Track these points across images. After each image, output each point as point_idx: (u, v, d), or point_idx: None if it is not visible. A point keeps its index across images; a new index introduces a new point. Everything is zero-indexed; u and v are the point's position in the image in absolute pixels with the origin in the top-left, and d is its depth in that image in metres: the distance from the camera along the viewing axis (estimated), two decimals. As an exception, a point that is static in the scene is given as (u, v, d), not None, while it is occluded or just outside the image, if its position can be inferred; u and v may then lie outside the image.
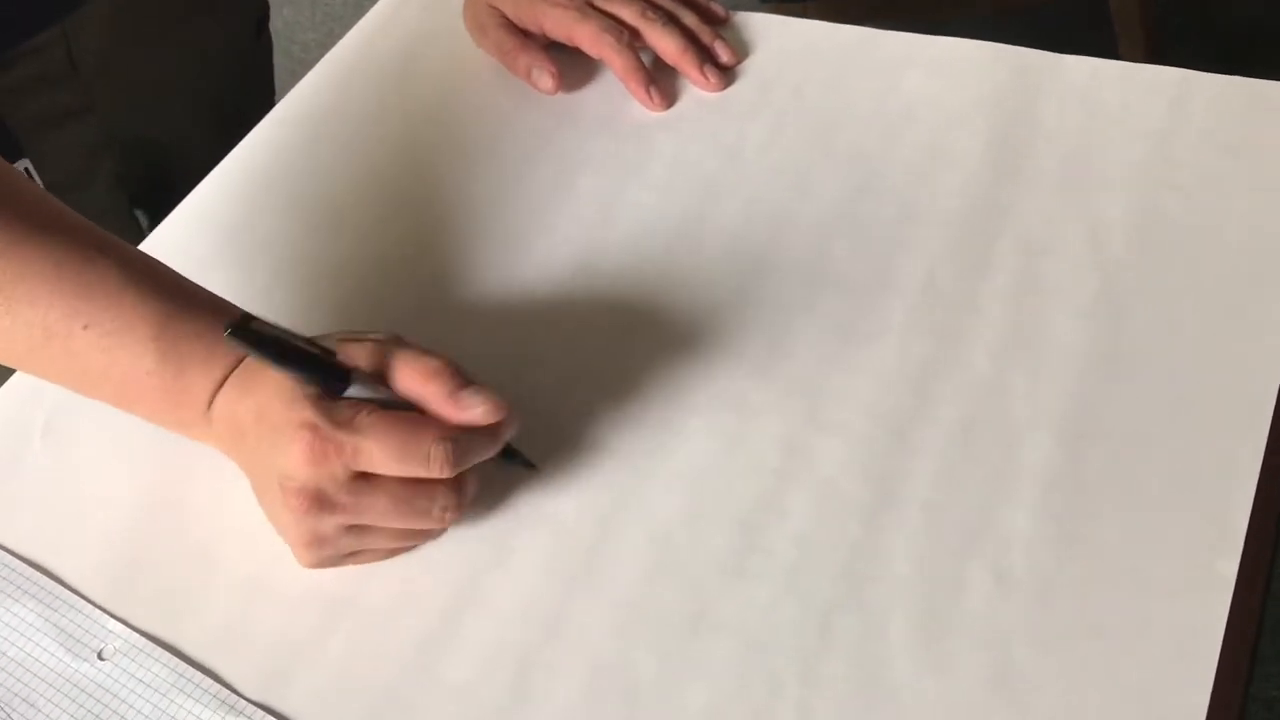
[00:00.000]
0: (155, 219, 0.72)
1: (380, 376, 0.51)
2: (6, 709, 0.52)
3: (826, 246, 0.63)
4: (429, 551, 0.54)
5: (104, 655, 0.53)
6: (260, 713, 0.50)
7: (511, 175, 0.69)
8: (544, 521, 0.55)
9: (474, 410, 0.50)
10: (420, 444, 0.49)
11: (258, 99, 0.89)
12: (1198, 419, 0.54)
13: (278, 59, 0.92)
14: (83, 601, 0.54)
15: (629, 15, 0.71)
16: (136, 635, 0.53)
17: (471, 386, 0.50)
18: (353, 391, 0.50)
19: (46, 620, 0.54)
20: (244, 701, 0.51)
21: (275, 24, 0.92)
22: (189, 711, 0.50)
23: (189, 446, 0.58)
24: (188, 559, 0.55)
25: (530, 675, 0.50)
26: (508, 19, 0.73)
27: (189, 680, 0.51)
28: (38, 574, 0.55)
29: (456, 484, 0.51)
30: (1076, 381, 0.56)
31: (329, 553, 0.52)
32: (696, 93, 0.72)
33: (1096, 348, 0.57)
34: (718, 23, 0.74)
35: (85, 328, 0.51)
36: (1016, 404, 0.55)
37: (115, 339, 0.51)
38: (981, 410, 0.55)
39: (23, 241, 0.51)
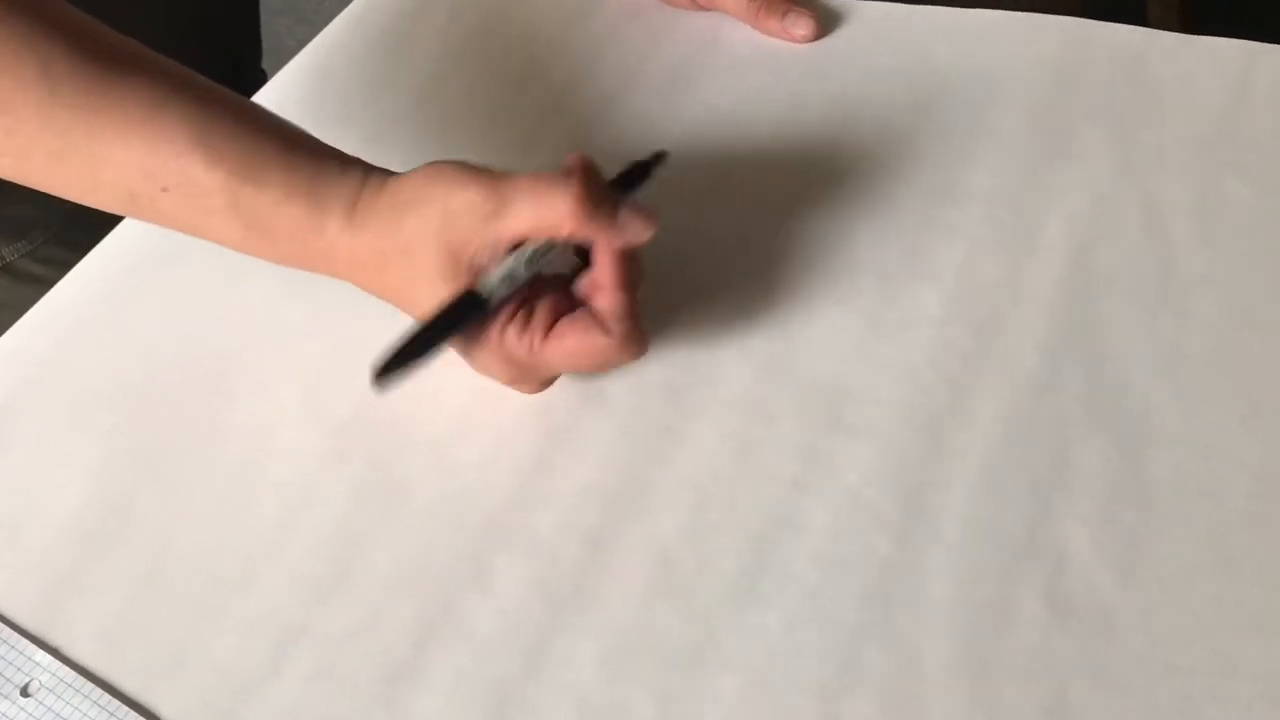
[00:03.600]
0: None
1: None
2: (-80, 751, 0.46)
3: (850, 228, 0.56)
4: (396, 569, 0.48)
5: (29, 691, 0.46)
6: (201, 756, 0.44)
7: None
8: (526, 537, 0.48)
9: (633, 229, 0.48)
10: (605, 356, 0.48)
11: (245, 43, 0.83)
12: (1276, 421, 0.47)
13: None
14: (8, 630, 0.48)
15: None
16: (66, 669, 0.47)
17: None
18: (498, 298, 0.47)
19: (-33, 650, 0.48)
20: (185, 743, 0.44)
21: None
22: (121, 755, 0.44)
23: (141, 455, 0.52)
24: (131, 581, 0.49)
25: (508, 713, 0.43)
26: None
27: None
28: (-39, 597, 0.49)
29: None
30: (1136, 378, 0.49)
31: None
32: (707, 71, 0.65)
33: (1158, 340, 0.50)
34: None
35: (164, 190, 0.48)
36: (1068, 403, 0.49)
37: (194, 204, 0.48)
38: (1028, 410, 0.49)
39: (86, 93, 0.47)
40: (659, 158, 0.51)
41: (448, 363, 0.53)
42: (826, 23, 0.66)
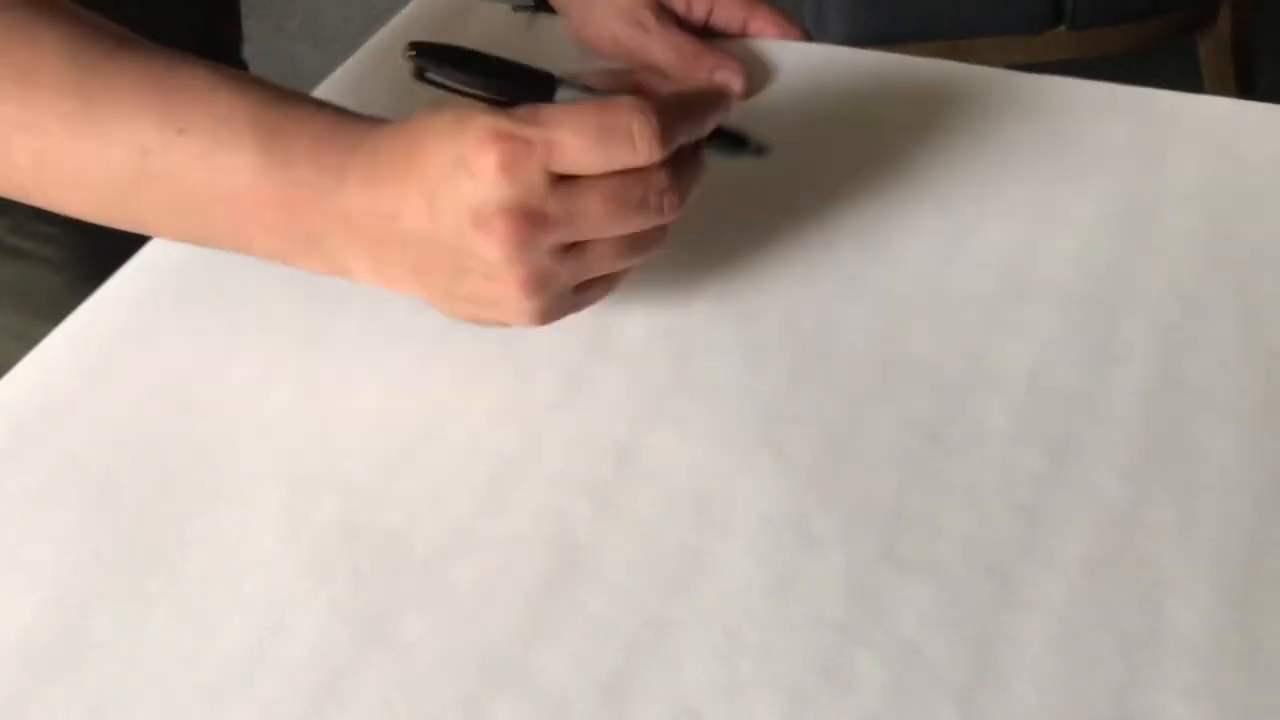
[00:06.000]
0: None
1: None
2: None
3: (904, 326, 0.50)
4: (379, 713, 0.42)
5: None
6: None
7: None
8: (528, 687, 0.42)
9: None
10: (618, 120, 0.43)
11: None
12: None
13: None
14: (-65, 773, 0.42)
15: None
16: (-1, 821, 0.41)
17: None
18: (561, 97, 0.46)
19: (-112, 794, 0.42)
20: None
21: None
22: None
23: (102, 564, 0.46)
24: (80, 713, 0.43)
25: None
26: (677, 14, 0.64)
27: None
28: (-113, 732, 0.43)
29: (671, 166, 0.45)
30: (1240, 514, 0.43)
31: (554, 291, 0.45)
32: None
33: (1264, 468, 0.44)
34: None
35: (180, 132, 0.46)
36: (1159, 543, 0.42)
37: (212, 138, 0.46)
38: (1113, 550, 0.42)
39: (109, 57, 0.47)
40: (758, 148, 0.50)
41: (448, 470, 0.48)
42: (877, 83, 0.61)
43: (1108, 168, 0.55)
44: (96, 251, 0.63)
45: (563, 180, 0.43)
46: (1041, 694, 0.39)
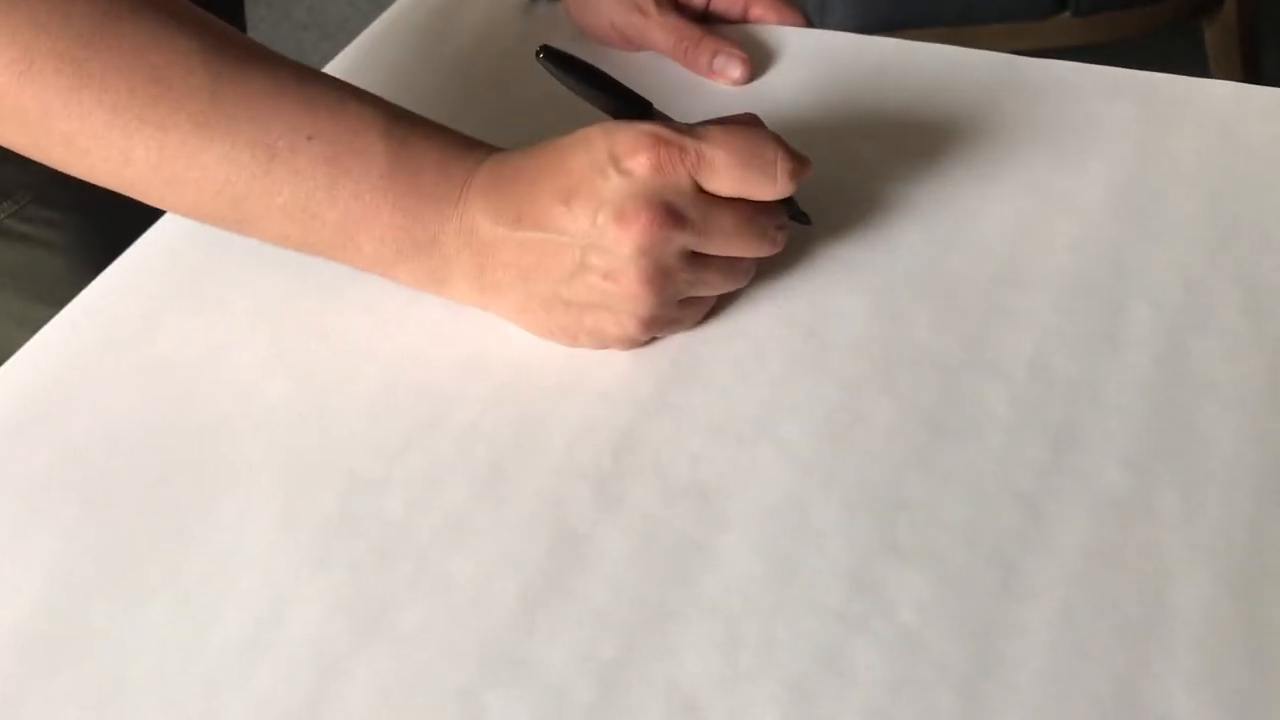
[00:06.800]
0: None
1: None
2: None
3: (904, 313, 0.50)
4: (375, 705, 0.41)
5: (-50, 840, 0.40)
6: None
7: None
8: (525, 675, 0.41)
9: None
10: (765, 150, 0.46)
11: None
12: None
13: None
14: (-66, 763, 0.42)
15: None
16: (-4, 814, 0.40)
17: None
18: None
19: (-115, 786, 0.41)
20: None
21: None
22: None
23: (101, 555, 0.46)
24: (81, 710, 0.43)
25: None
26: None
27: None
28: (-115, 721, 0.43)
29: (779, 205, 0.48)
30: (1241, 501, 0.42)
31: (667, 296, 0.47)
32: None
33: (1266, 454, 0.43)
34: None
35: (310, 138, 0.47)
36: (1163, 533, 0.42)
37: (343, 145, 0.48)
38: (1115, 540, 0.42)
39: (240, 65, 0.48)
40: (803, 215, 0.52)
41: (446, 460, 0.47)
42: (875, 69, 0.60)
43: (1112, 153, 0.54)
44: (98, 237, 0.63)
45: (703, 192, 0.46)
46: (1043, 683, 0.39)
